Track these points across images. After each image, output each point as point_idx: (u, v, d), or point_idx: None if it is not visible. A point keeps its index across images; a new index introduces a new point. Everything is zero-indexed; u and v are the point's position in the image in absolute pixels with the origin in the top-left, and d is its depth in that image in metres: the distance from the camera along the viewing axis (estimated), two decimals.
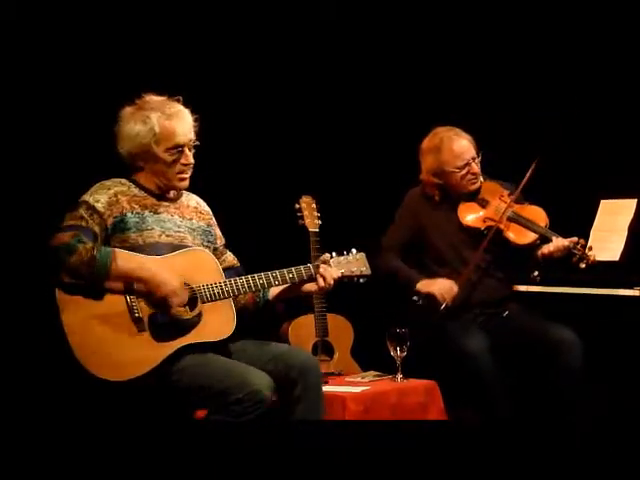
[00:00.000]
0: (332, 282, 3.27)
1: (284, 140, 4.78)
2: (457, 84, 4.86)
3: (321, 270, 3.27)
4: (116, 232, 3.11)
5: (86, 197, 3.13)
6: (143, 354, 3.00)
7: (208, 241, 3.35)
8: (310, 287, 3.31)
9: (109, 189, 3.15)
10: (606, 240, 4.04)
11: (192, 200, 3.37)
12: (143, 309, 3.04)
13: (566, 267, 3.92)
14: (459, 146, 4.02)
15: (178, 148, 3.19)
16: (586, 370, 3.77)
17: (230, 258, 3.42)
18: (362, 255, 3.38)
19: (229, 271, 3.34)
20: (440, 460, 2.70)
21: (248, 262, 3.43)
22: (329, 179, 4.69)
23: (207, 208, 3.42)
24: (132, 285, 3.04)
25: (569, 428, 3.69)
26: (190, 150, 3.23)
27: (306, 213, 3.98)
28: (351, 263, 3.35)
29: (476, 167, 4.04)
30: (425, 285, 3.95)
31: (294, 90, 4.78)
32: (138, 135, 3.17)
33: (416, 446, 2.73)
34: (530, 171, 3.99)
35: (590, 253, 3.89)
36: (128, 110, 3.22)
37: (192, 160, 3.24)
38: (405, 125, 4.73)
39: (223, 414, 2.99)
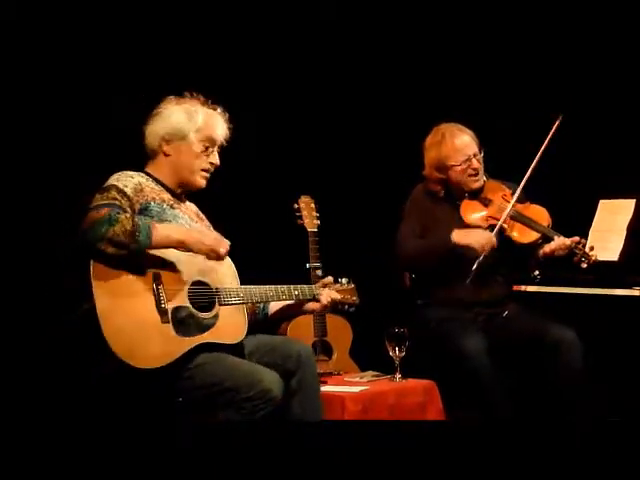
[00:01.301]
0: (328, 305, 3.44)
1: (283, 140, 4.78)
2: (458, 84, 4.87)
3: (330, 296, 3.43)
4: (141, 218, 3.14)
5: (113, 182, 3.15)
6: (164, 346, 3.02)
7: None
8: (311, 307, 3.45)
9: (132, 177, 3.19)
10: (605, 240, 4.04)
11: (193, 206, 3.45)
12: (169, 302, 3.07)
13: (567, 266, 3.92)
14: (460, 141, 4.04)
15: (211, 143, 3.30)
16: (586, 370, 3.76)
17: None
18: (353, 286, 3.55)
19: None
20: (438, 461, 2.70)
21: (247, 262, 3.42)
22: (328, 179, 4.69)
23: (204, 217, 3.48)
24: (170, 253, 3.08)
25: (569, 428, 3.68)
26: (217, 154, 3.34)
27: (305, 213, 3.98)
28: (345, 291, 3.52)
29: (477, 163, 4.04)
30: (461, 237, 3.92)
31: (293, 89, 4.78)
32: (180, 121, 3.26)
33: (414, 446, 2.73)
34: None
35: (591, 253, 3.89)
36: (172, 99, 3.33)
37: (219, 162, 3.34)
38: (405, 125, 4.73)
39: (233, 411, 3.01)
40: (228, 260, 3.30)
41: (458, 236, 3.92)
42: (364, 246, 4.41)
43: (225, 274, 3.26)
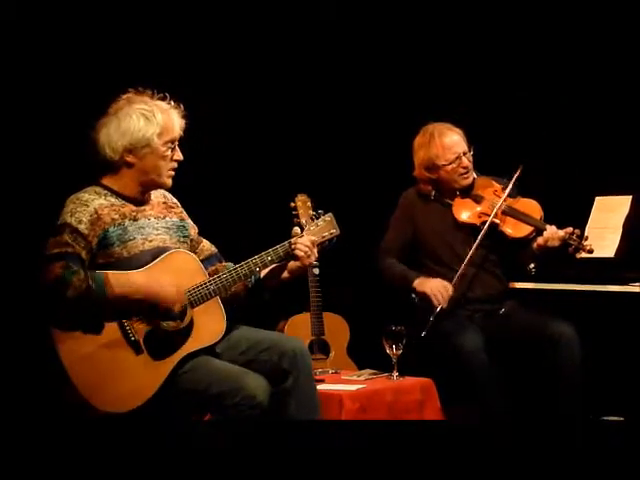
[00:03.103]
0: (312, 251, 3.26)
1: (279, 138, 4.78)
2: (452, 84, 4.86)
3: (297, 244, 3.25)
4: (100, 248, 3.06)
5: (67, 218, 3.04)
6: (145, 378, 2.98)
7: (184, 236, 3.29)
8: (295, 265, 3.29)
9: (87, 205, 3.07)
10: (601, 237, 4.05)
11: (159, 196, 3.30)
12: (138, 331, 3.02)
13: (562, 258, 3.92)
14: (450, 139, 4.04)
15: (173, 142, 3.19)
16: (584, 366, 3.77)
17: (207, 246, 3.38)
18: (330, 215, 3.38)
19: (210, 259, 3.34)
20: (436, 459, 2.70)
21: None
22: (325, 177, 4.69)
23: (174, 200, 3.36)
24: (130, 305, 3.00)
25: (568, 424, 3.69)
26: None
27: (301, 211, 3.96)
28: (322, 228, 3.34)
29: (467, 161, 4.04)
30: (420, 285, 3.95)
31: (289, 88, 4.77)
32: (141, 129, 3.11)
33: (412, 445, 2.73)
34: (521, 166, 4.01)
35: (586, 243, 3.89)
36: (121, 105, 3.16)
37: (182, 157, 3.22)
38: (400, 123, 4.72)
39: (219, 415, 3.00)
40: (188, 255, 3.21)
41: (417, 283, 3.95)
42: (360, 244, 4.40)
43: (190, 271, 3.16)
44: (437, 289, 3.89)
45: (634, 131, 4.51)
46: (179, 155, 3.21)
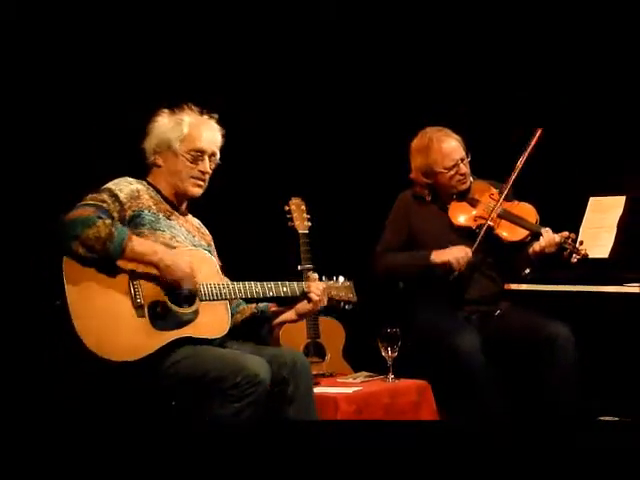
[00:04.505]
0: (323, 298, 3.37)
1: (274, 142, 4.78)
2: (447, 86, 4.87)
3: (312, 286, 3.37)
4: (131, 226, 3.15)
5: (110, 185, 3.19)
6: (140, 339, 3.03)
7: None
8: (305, 307, 3.40)
9: (131, 184, 3.24)
10: (595, 237, 4.05)
11: (195, 221, 3.46)
12: (145, 297, 3.08)
13: (558, 262, 3.93)
14: (448, 146, 4.04)
15: (199, 153, 3.30)
16: (580, 366, 3.77)
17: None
18: (350, 283, 3.50)
19: None
20: (432, 459, 2.70)
21: (239, 264, 3.43)
22: (318, 181, 4.69)
23: (207, 232, 3.49)
24: (142, 267, 3.08)
25: (563, 425, 3.69)
26: (210, 162, 3.34)
27: (295, 215, 3.99)
28: (339, 289, 3.47)
29: (465, 168, 4.05)
30: (440, 255, 3.95)
31: (284, 92, 4.77)
32: (166, 132, 3.30)
33: (407, 446, 2.73)
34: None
35: (581, 247, 3.90)
36: (165, 111, 3.36)
37: (209, 170, 3.34)
38: (395, 126, 4.73)
39: (221, 401, 3.00)
40: (212, 259, 3.31)
41: (436, 255, 3.96)
42: (355, 246, 4.40)
43: (208, 272, 3.24)
44: (459, 254, 3.92)
45: (628, 131, 4.51)
46: (205, 167, 3.33)
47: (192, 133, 3.30)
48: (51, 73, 4.06)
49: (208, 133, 3.35)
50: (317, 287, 3.38)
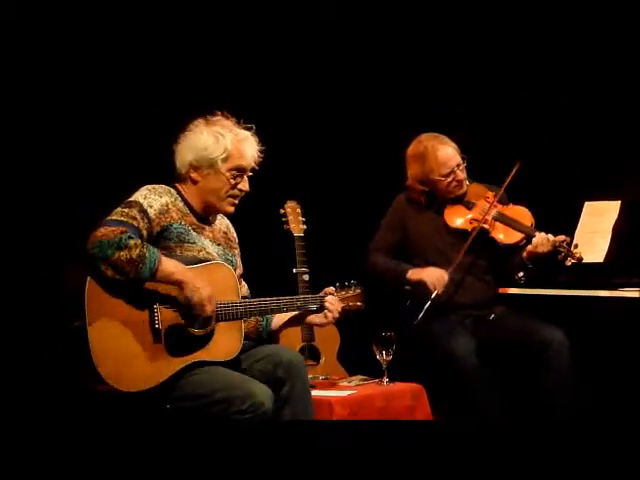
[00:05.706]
0: (337, 315, 3.34)
1: (269, 145, 4.76)
2: (447, 86, 4.87)
3: (328, 303, 3.32)
4: (159, 239, 3.10)
5: (139, 198, 3.09)
6: (153, 368, 3.00)
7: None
8: (314, 319, 3.37)
9: (161, 197, 3.13)
10: (590, 242, 4.05)
11: (223, 224, 3.38)
12: (163, 321, 3.03)
13: (552, 265, 3.93)
14: (444, 154, 4.03)
15: (240, 171, 3.23)
16: (574, 371, 3.77)
17: (244, 290, 3.39)
18: (360, 290, 3.45)
19: None
20: (426, 462, 2.70)
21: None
22: (314, 184, 4.69)
23: (235, 235, 3.43)
24: (164, 287, 3.02)
25: (558, 429, 3.69)
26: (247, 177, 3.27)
27: (291, 218, 3.99)
28: (350, 298, 3.42)
29: (461, 174, 4.06)
30: (415, 273, 3.96)
31: (280, 94, 4.77)
32: (207, 148, 3.18)
33: (402, 447, 2.73)
34: (513, 172, 4.02)
35: (576, 250, 3.91)
36: (201, 122, 3.24)
37: (248, 188, 3.27)
38: (390, 130, 4.73)
39: (221, 417, 2.99)
40: (230, 271, 3.22)
41: (412, 273, 3.97)
42: (350, 249, 4.40)
43: (226, 287, 3.18)
44: (434, 275, 3.90)
45: (623, 136, 4.52)
46: (245, 186, 3.26)
47: (234, 151, 3.20)
48: (51, 73, 4.06)
49: (250, 149, 3.25)
50: (333, 303, 3.33)
